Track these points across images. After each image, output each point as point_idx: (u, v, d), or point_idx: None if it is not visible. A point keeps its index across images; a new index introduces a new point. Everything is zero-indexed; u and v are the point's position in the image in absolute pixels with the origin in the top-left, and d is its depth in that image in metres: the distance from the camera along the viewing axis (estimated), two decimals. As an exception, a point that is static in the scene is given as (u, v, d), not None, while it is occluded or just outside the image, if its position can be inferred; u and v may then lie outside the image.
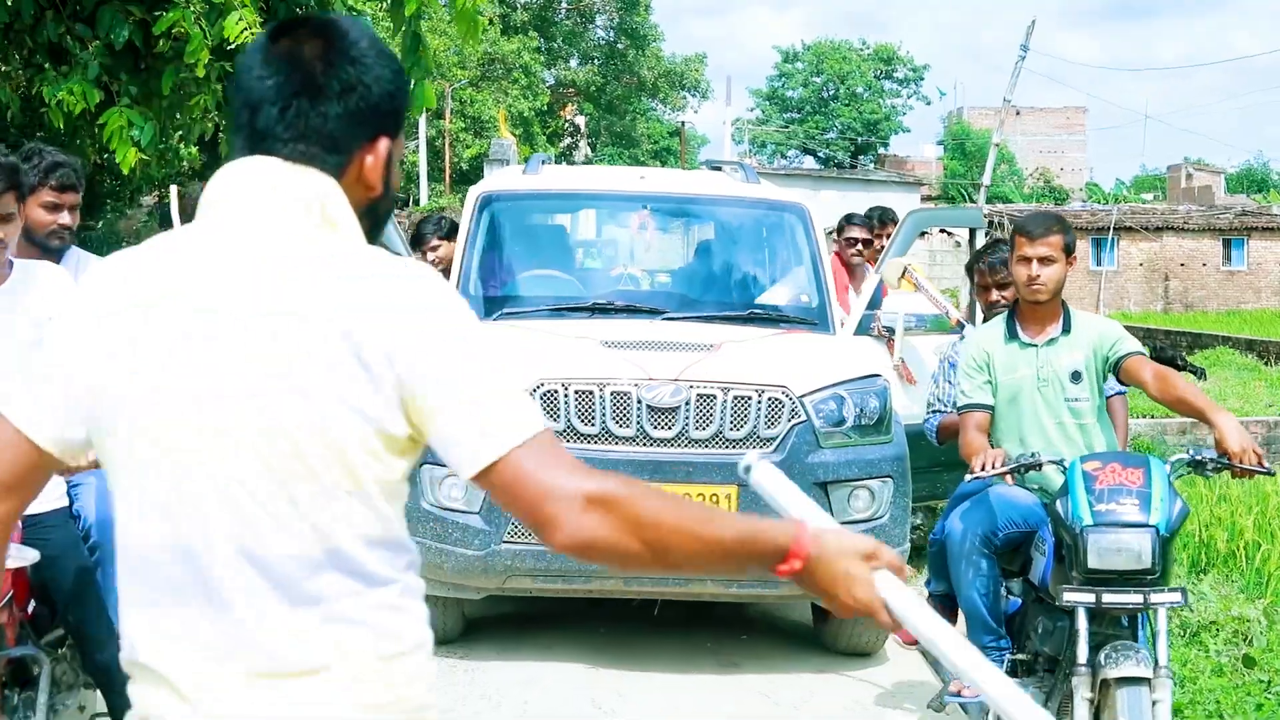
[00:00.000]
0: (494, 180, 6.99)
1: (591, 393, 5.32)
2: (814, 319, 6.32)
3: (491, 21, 48.15)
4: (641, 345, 5.57)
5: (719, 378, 5.38)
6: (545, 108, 51.18)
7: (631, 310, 6.23)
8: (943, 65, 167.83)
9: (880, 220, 7.72)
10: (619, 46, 54.64)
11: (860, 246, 7.39)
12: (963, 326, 6.01)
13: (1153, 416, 11.40)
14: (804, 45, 74.19)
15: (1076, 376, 4.15)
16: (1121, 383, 4.23)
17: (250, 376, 1.49)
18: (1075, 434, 4.17)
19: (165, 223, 6.59)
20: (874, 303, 6.49)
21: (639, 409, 5.29)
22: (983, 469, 3.85)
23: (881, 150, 71.57)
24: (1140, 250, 36.55)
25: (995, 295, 4.97)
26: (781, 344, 5.89)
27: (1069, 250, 4.19)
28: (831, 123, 72.13)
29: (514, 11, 52.51)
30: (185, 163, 17.13)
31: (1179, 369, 18.32)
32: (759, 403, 5.36)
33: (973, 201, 34.33)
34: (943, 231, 39.73)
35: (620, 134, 59.00)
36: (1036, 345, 4.21)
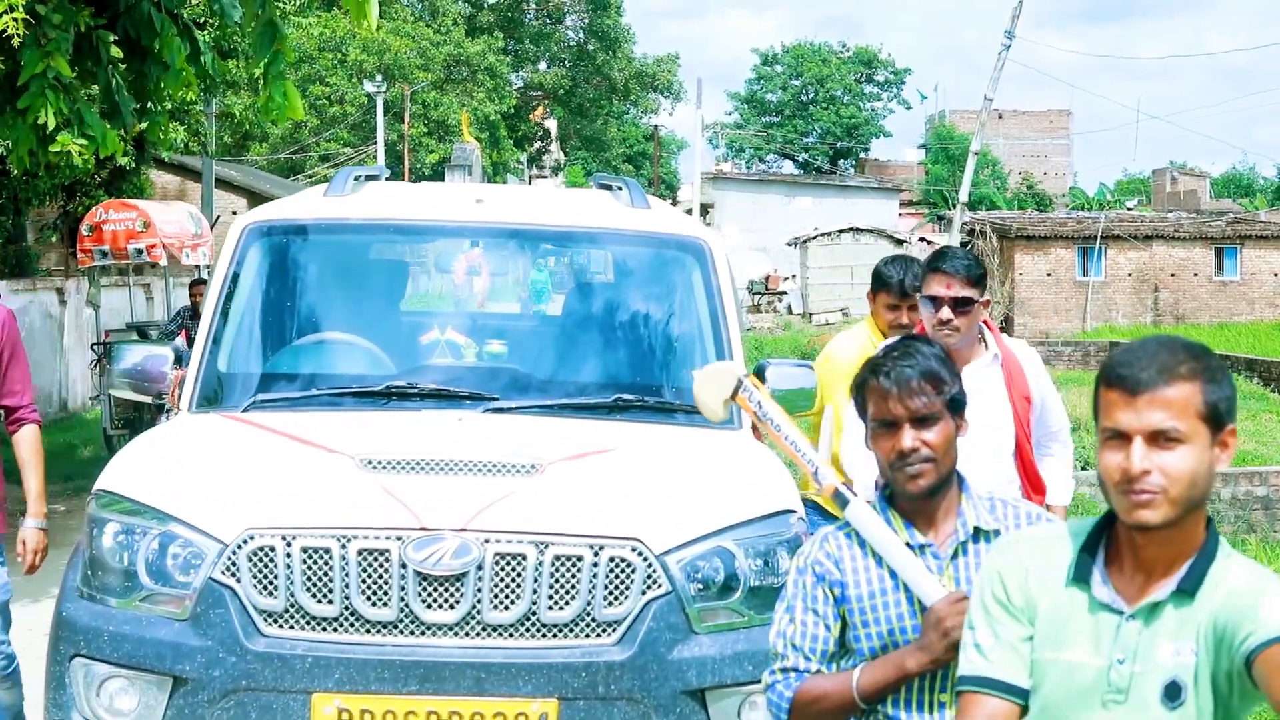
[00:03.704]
0: (274, 207, 5.00)
1: (328, 551, 3.35)
2: (710, 406, 4.37)
3: (455, 22, 46.39)
4: (421, 466, 3.61)
5: (532, 525, 3.41)
6: (512, 110, 49.50)
7: (445, 396, 4.28)
8: (925, 69, 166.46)
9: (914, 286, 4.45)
10: (589, 48, 52.85)
11: (949, 311, 3.89)
12: (845, 502, 2.59)
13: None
14: (783, 47, 72.71)
15: (1173, 693, 1.96)
16: (1251, 680, 1.92)
17: None
18: None
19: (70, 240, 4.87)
20: None
21: (403, 578, 3.34)
22: None
23: (862, 155, 70.06)
24: (1129, 260, 34.91)
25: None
26: (642, 461, 3.90)
27: (1219, 419, 1.94)
28: (811, 126, 70.62)
29: (480, 12, 50.76)
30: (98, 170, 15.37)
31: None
32: (594, 566, 3.39)
33: (952, 208, 32.40)
34: (922, 240, 37.93)
35: (590, 138, 57.33)
36: (1122, 615, 2.00)
